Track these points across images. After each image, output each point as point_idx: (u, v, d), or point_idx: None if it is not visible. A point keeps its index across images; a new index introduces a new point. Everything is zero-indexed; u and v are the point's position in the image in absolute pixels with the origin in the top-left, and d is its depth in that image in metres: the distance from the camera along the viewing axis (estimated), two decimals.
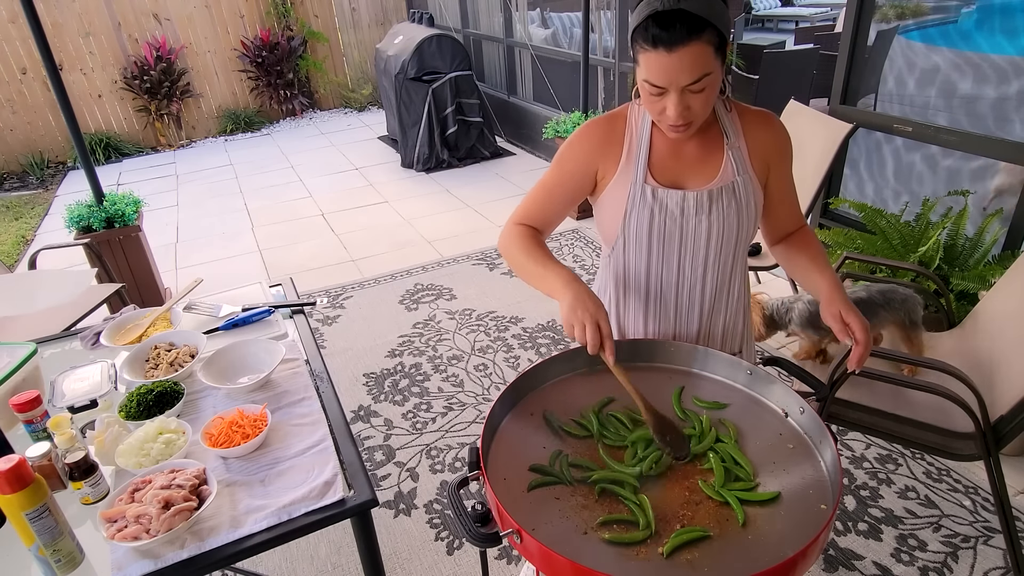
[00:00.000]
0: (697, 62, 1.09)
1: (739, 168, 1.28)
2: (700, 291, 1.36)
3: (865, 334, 1.20)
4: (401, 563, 2.06)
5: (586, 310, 1.16)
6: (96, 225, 3.39)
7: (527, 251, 1.31)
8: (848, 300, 1.23)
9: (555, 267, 1.26)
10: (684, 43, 1.07)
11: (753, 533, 0.97)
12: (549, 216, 1.38)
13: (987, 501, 2.15)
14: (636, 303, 1.41)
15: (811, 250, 1.37)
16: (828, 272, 1.30)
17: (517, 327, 3.32)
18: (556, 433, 1.18)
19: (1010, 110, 3.51)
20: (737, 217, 1.28)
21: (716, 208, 1.27)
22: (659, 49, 1.08)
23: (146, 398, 1.36)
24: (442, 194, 5.30)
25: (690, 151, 1.29)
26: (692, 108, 1.15)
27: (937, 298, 2.29)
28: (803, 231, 1.42)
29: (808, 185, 2.81)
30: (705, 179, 1.28)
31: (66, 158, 6.97)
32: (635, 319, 1.43)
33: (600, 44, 5.22)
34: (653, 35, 1.08)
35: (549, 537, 0.97)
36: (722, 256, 1.32)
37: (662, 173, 1.29)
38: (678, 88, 1.12)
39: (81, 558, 1.07)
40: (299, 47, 7.64)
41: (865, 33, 2.97)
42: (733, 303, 1.41)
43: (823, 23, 11.37)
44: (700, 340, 1.41)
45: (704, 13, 1.07)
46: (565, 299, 1.19)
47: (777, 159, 1.32)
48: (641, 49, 1.12)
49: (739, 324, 1.45)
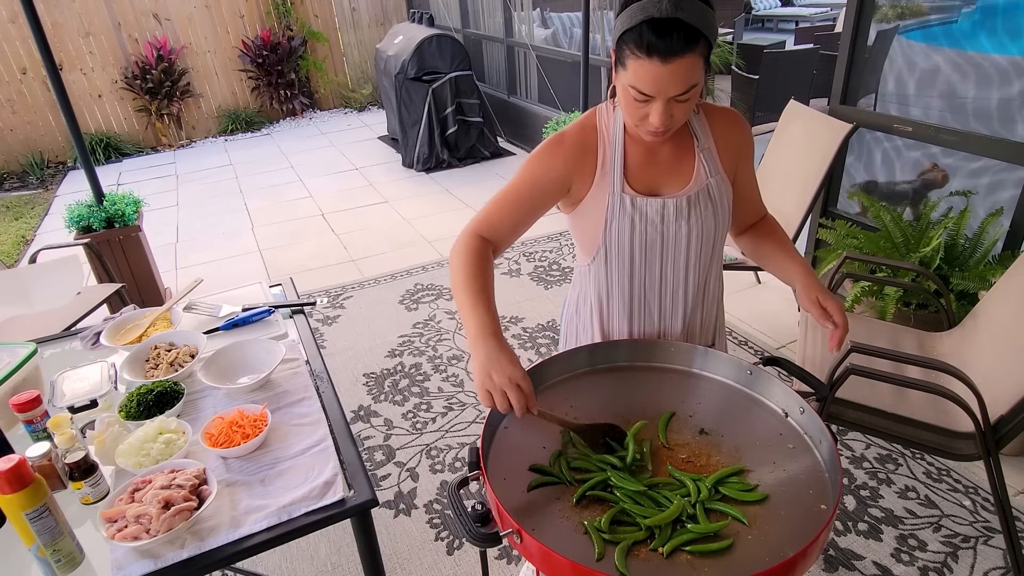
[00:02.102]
0: (689, 73, 1.08)
1: (711, 169, 1.29)
2: (683, 292, 1.37)
3: (843, 317, 1.24)
4: (401, 563, 2.06)
5: (502, 373, 1.06)
6: (96, 225, 3.39)
7: (467, 274, 1.22)
8: (822, 285, 1.27)
9: (479, 310, 1.16)
10: (679, 55, 1.05)
11: (753, 533, 0.97)
12: (511, 225, 1.31)
13: (987, 501, 2.15)
14: (620, 310, 1.40)
15: (776, 237, 1.40)
16: (798, 259, 1.34)
17: (517, 327, 3.32)
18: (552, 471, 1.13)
19: (1011, 110, 3.51)
20: (714, 218, 1.29)
21: (695, 212, 1.28)
22: (653, 58, 1.06)
23: (146, 398, 1.36)
24: (442, 194, 5.30)
25: (664, 156, 1.29)
26: (675, 116, 1.15)
27: (937, 298, 2.30)
28: (766, 219, 1.46)
29: (808, 185, 2.81)
30: (680, 183, 1.29)
31: (66, 158, 6.97)
32: (620, 325, 1.43)
33: (602, 44, 5.22)
34: (648, 43, 1.05)
35: (549, 537, 0.97)
36: (702, 257, 1.33)
37: (638, 181, 1.28)
38: (666, 97, 1.11)
39: (81, 558, 1.07)
40: (300, 47, 7.64)
41: (865, 33, 2.97)
42: (710, 298, 1.42)
43: (823, 23, 11.37)
44: (683, 337, 1.42)
45: (699, 24, 1.05)
46: (476, 358, 1.10)
47: (744, 156, 1.35)
48: (632, 55, 1.08)
49: (714, 315, 1.47)
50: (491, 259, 1.28)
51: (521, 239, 4.07)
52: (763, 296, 3.50)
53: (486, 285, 1.22)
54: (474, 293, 1.19)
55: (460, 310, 1.20)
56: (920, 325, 2.43)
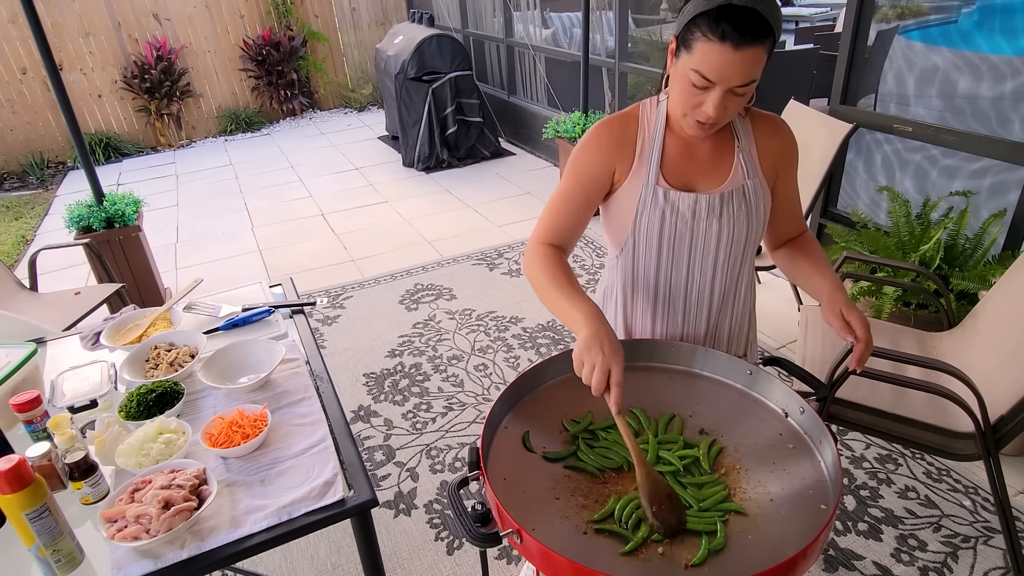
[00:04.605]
0: (754, 66, 1.08)
1: (749, 171, 1.28)
2: (709, 293, 1.36)
3: (866, 332, 1.20)
4: (401, 563, 2.06)
5: (601, 351, 1.07)
6: (96, 225, 3.39)
7: (551, 277, 1.23)
8: (849, 300, 1.24)
9: (579, 299, 1.18)
10: (751, 44, 1.05)
11: (753, 533, 0.97)
12: (571, 225, 1.32)
13: (987, 501, 2.15)
14: (644, 305, 1.41)
15: (813, 255, 1.37)
16: (829, 274, 1.31)
17: (517, 327, 3.32)
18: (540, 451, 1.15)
19: (1011, 110, 3.51)
20: (747, 220, 1.28)
21: (727, 211, 1.27)
22: (725, 43, 1.05)
23: (146, 398, 1.36)
24: (442, 194, 5.30)
25: (702, 153, 1.29)
26: (728, 109, 1.14)
27: (937, 298, 2.30)
28: (804, 236, 1.43)
29: (808, 185, 2.81)
30: (716, 181, 1.28)
31: (66, 158, 6.97)
32: (643, 320, 1.43)
33: (603, 44, 5.23)
34: (724, 27, 1.05)
35: (549, 537, 0.97)
36: (731, 259, 1.32)
37: (674, 175, 1.28)
38: (727, 86, 1.10)
39: (81, 558, 1.07)
40: (300, 47, 7.64)
41: (865, 33, 2.97)
42: (740, 305, 1.41)
43: (823, 23, 11.35)
44: (707, 342, 1.42)
45: (771, 19, 1.06)
46: (583, 334, 1.11)
47: (785, 164, 1.33)
48: (703, 38, 1.07)
49: (745, 326, 1.45)
50: (565, 259, 1.30)
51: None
52: (763, 296, 3.50)
53: (573, 281, 1.23)
54: (565, 287, 1.20)
55: (555, 308, 1.21)
56: (920, 325, 2.43)
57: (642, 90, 4.77)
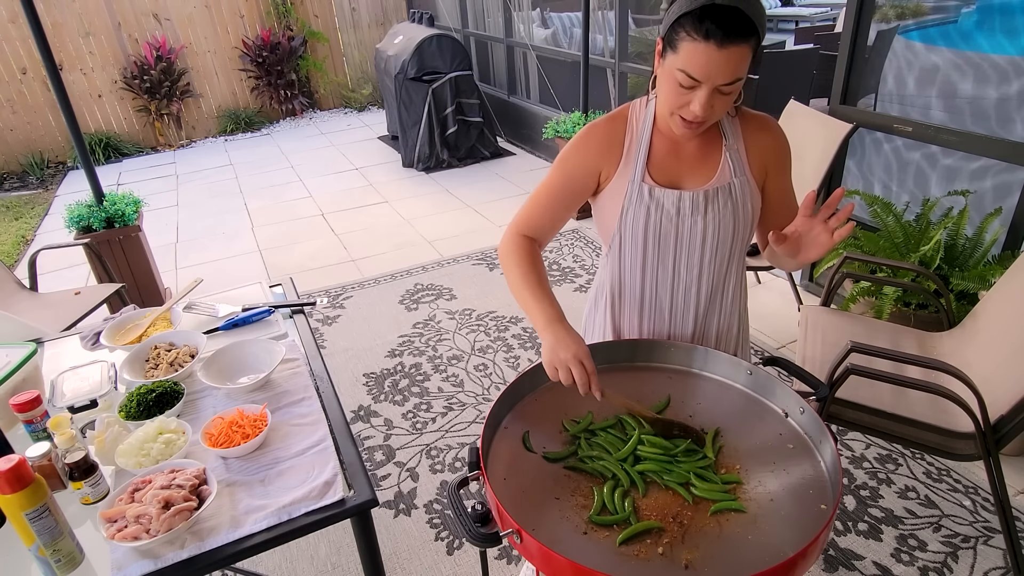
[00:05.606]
0: (739, 64, 1.09)
1: (736, 169, 1.28)
2: (695, 292, 1.36)
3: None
4: (401, 563, 2.06)
5: (567, 350, 1.15)
6: (96, 225, 3.39)
7: (522, 272, 1.30)
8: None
9: (542, 302, 1.25)
10: (735, 42, 1.06)
11: (753, 533, 0.97)
12: (551, 219, 1.37)
13: (987, 501, 2.15)
14: (631, 303, 1.41)
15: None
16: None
17: (517, 327, 3.32)
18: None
19: (1011, 110, 3.51)
20: (733, 218, 1.28)
21: (712, 208, 1.27)
22: (709, 42, 1.07)
23: (146, 398, 1.36)
24: (442, 194, 5.30)
25: (689, 151, 1.30)
26: (715, 108, 1.15)
27: (937, 298, 2.30)
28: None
29: (808, 185, 2.81)
30: (702, 179, 1.29)
31: (66, 158, 6.97)
32: (630, 319, 1.43)
33: (605, 44, 5.23)
34: (707, 26, 1.06)
35: (549, 537, 0.97)
36: (717, 257, 1.33)
37: (660, 172, 1.29)
38: (713, 85, 1.11)
39: (81, 558, 1.07)
40: (300, 47, 7.64)
41: (865, 33, 2.97)
42: (728, 305, 1.41)
43: (823, 23, 11.35)
44: (694, 341, 1.41)
45: (755, 17, 1.07)
46: (544, 344, 1.19)
47: (775, 164, 1.32)
48: (688, 37, 1.08)
49: (734, 327, 1.45)
50: (539, 254, 1.37)
51: None
52: (763, 296, 3.51)
53: (541, 279, 1.30)
54: (533, 286, 1.28)
55: (523, 304, 1.29)
56: (920, 325, 2.43)
57: (642, 90, 4.77)
